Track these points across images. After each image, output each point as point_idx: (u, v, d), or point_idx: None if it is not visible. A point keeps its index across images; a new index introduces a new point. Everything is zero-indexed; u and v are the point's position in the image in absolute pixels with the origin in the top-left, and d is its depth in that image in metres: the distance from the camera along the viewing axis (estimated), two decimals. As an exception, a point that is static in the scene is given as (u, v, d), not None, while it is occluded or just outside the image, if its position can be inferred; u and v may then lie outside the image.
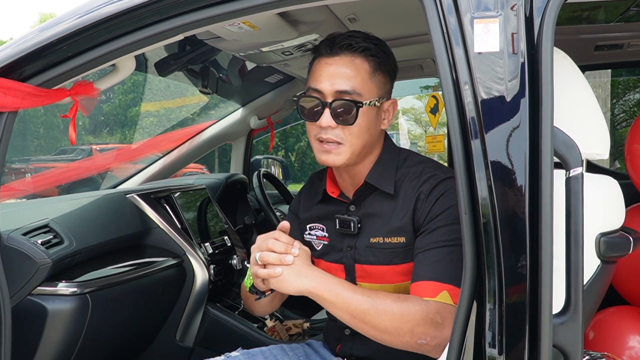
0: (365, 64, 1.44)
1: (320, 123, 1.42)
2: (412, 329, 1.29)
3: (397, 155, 1.55)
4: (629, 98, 8.87)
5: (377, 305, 1.31)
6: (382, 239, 1.48)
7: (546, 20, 1.09)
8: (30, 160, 13.65)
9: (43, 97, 1.40)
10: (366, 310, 1.31)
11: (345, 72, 1.42)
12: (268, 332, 2.34)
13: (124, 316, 1.99)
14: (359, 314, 1.32)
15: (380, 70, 1.46)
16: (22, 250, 1.62)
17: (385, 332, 1.31)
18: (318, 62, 1.47)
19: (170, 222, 2.24)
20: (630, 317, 1.95)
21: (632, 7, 1.95)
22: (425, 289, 1.35)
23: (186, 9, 1.30)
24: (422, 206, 1.43)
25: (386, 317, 1.30)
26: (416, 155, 1.56)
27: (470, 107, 1.11)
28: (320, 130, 1.44)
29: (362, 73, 1.43)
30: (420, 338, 1.29)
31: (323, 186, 1.61)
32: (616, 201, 1.26)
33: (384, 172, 1.51)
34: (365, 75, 1.43)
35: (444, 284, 1.33)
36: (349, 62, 1.43)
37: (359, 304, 1.32)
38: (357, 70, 1.43)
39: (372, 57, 1.44)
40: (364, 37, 1.45)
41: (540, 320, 1.06)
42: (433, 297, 1.33)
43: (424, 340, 1.29)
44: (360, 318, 1.33)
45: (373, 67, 1.45)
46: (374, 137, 1.49)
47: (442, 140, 8.13)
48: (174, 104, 11.61)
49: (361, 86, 1.42)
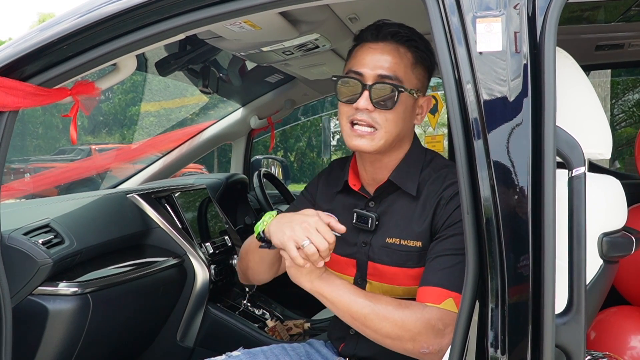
0: (408, 54, 1.45)
1: (358, 105, 1.42)
2: (413, 337, 1.29)
3: (423, 156, 1.55)
4: (629, 98, 8.87)
5: (378, 311, 1.31)
6: (399, 240, 1.47)
7: (549, 19, 1.09)
8: (30, 160, 13.63)
9: (44, 96, 1.40)
10: (367, 314, 1.32)
11: (388, 58, 1.43)
12: (269, 332, 2.34)
13: (125, 316, 1.99)
14: (359, 317, 1.33)
15: (421, 64, 1.48)
16: (22, 250, 1.62)
17: (386, 337, 1.32)
18: (361, 47, 1.47)
19: (170, 222, 2.24)
20: (631, 317, 1.95)
21: (633, 7, 1.95)
22: (430, 295, 1.34)
23: (187, 8, 1.30)
24: (441, 212, 1.43)
25: (387, 323, 1.30)
26: (441, 159, 1.56)
27: (472, 107, 1.11)
28: (356, 112, 1.43)
29: (404, 61, 1.44)
30: (423, 347, 1.29)
31: (345, 177, 1.60)
32: (618, 201, 1.26)
33: (408, 172, 1.50)
34: (408, 64, 1.45)
35: (451, 291, 1.33)
36: (393, 49, 1.44)
37: (360, 307, 1.33)
38: (401, 58, 1.44)
39: (415, 49, 1.46)
40: (410, 30, 1.47)
41: (542, 320, 1.06)
42: (437, 303, 1.32)
43: (427, 349, 1.29)
44: (361, 321, 1.33)
45: (415, 59, 1.46)
46: (407, 129, 1.49)
47: (442, 140, 8.11)
48: (174, 104, 11.60)
49: (403, 74, 1.43)
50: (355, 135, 1.44)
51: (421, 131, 14.74)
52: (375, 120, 1.42)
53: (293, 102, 3.18)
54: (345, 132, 1.47)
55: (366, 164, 1.54)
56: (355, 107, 1.42)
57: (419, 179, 1.49)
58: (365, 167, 1.55)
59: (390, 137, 1.44)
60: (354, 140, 1.44)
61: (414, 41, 1.46)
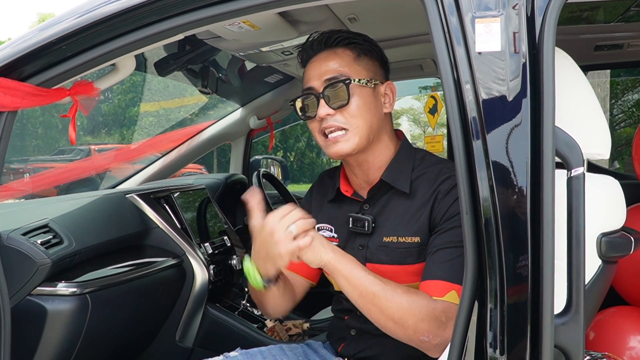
0: (347, 52, 1.49)
1: (319, 114, 1.45)
2: (416, 324, 1.29)
3: (413, 154, 1.55)
4: (628, 98, 8.88)
5: (386, 291, 1.31)
6: (396, 238, 1.47)
7: (548, 19, 1.09)
8: (29, 160, 13.63)
9: (43, 96, 1.39)
10: (376, 292, 1.31)
11: (328, 63, 1.47)
12: (268, 333, 2.34)
13: (124, 316, 1.99)
14: (368, 293, 1.32)
15: (364, 55, 1.50)
16: (21, 250, 1.62)
17: (390, 319, 1.31)
18: (305, 69, 1.53)
19: (169, 222, 2.24)
20: (630, 317, 1.95)
21: (632, 7, 1.95)
22: (434, 288, 1.34)
23: (186, 8, 1.30)
24: (439, 205, 1.43)
25: (394, 304, 1.30)
26: (433, 156, 1.56)
27: (471, 107, 1.11)
28: (322, 122, 1.46)
29: (345, 59, 1.48)
30: (423, 334, 1.29)
31: (336, 185, 1.61)
32: (617, 201, 1.26)
33: (400, 170, 1.51)
34: (350, 60, 1.48)
35: (453, 284, 1.33)
36: (330, 53, 1.49)
37: (370, 284, 1.31)
38: (340, 57, 1.48)
39: (352, 45, 1.50)
40: (340, 32, 1.51)
41: (541, 320, 1.06)
42: (441, 296, 1.33)
43: (427, 338, 1.29)
44: (369, 298, 1.32)
45: (356, 53, 1.49)
46: (378, 119, 1.49)
47: (441, 140, 8.12)
48: (173, 104, 11.61)
49: (347, 70, 1.46)
50: (331, 143, 1.46)
51: (421, 131, 14.75)
52: (340, 121, 1.44)
53: (290, 105, 3.18)
54: (322, 145, 1.50)
55: (354, 168, 1.55)
56: (319, 119, 1.46)
57: (412, 177, 1.50)
58: (354, 171, 1.56)
59: (361, 131, 1.45)
60: (332, 148, 1.46)
61: (348, 39, 1.49)
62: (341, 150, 1.45)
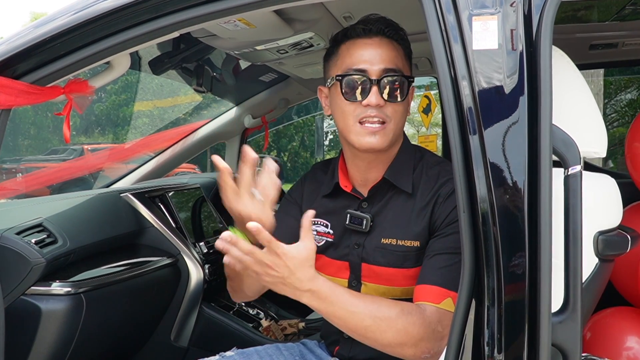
0: (400, 48, 1.47)
1: (369, 101, 1.39)
2: (416, 343, 1.26)
3: (413, 153, 1.53)
4: (621, 98, 8.92)
5: (379, 322, 1.25)
6: (395, 240, 1.44)
7: (544, 17, 1.09)
8: (22, 160, 13.57)
9: (37, 94, 1.38)
10: (367, 326, 1.26)
11: (387, 52, 1.43)
12: (263, 332, 2.33)
13: (119, 316, 1.98)
14: (359, 329, 1.27)
15: (408, 55, 1.50)
16: (15, 249, 1.61)
17: (387, 346, 1.28)
18: (353, 43, 1.45)
19: (164, 222, 2.23)
20: (628, 318, 1.94)
21: (627, 6, 1.95)
22: (429, 294, 1.32)
23: (181, 6, 1.29)
24: (439, 210, 1.41)
25: (390, 333, 1.26)
26: (432, 156, 1.54)
27: (468, 105, 1.10)
28: (366, 110, 1.40)
29: (400, 54, 1.46)
30: (424, 352, 1.27)
31: (334, 179, 1.56)
32: (614, 200, 1.26)
33: (402, 169, 1.49)
34: (403, 56, 1.47)
35: (450, 290, 1.31)
36: (388, 43, 1.44)
37: (359, 319, 1.26)
38: (397, 51, 1.45)
39: (403, 42, 1.48)
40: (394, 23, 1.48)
41: (539, 318, 1.05)
42: (437, 302, 1.31)
43: (428, 354, 1.27)
44: (360, 333, 1.28)
45: (407, 52, 1.48)
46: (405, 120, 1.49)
47: (435, 140, 8.13)
48: (167, 103, 11.57)
49: (402, 66, 1.44)
50: (367, 133, 1.40)
51: (414, 131, 14.78)
52: (386, 114, 1.41)
53: (287, 101, 3.17)
54: (353, 132, 1.42)
55: (362, 163, 1.50)
56: (366, 104, 1.40)
57: (413, 177, 1.48)
58: (359, 166, 1.51)
59: (397, 129, 1.44)
60: (366, 138, 1.40)
61: (400, 35, 1.47)
62: (376, 144, 1.40)
